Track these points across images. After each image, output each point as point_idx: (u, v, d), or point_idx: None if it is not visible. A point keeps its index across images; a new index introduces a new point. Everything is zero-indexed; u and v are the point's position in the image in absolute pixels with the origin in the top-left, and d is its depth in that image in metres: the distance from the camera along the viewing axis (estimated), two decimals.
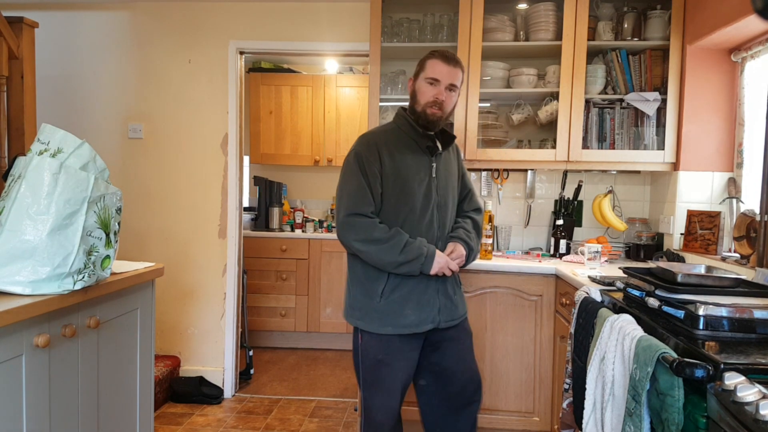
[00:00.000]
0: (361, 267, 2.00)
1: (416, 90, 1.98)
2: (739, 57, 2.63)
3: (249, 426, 3.00)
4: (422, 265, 1.90)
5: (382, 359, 1.97)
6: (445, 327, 2.02)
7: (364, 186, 1.91)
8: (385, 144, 1.97)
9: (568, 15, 2.81)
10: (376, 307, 1.96)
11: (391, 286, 1.95)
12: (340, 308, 4.35)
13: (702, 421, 1.18)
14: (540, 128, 3.15)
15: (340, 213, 1.94)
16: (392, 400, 2.00)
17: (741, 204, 2.59)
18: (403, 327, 1.95)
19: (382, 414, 1.99)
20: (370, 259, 1.93)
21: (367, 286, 1.99)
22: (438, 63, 1.95)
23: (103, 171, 1.54)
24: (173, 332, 3.49)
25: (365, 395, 2.02)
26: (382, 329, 1.95)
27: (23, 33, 2.62)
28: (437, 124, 1.98)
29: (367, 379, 2.01)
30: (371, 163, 1.93)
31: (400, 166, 1.94)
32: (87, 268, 1.47)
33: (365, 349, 2.00)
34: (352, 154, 1.98)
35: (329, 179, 4.96)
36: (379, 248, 1.88)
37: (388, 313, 1.95)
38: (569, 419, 2.00)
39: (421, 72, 1.98)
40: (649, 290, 1.65)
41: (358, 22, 3.31)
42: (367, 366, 2.00)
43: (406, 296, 1.95)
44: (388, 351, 1.97)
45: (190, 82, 3.43)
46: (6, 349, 1.28)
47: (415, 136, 1.99)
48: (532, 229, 3.25)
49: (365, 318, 1.98)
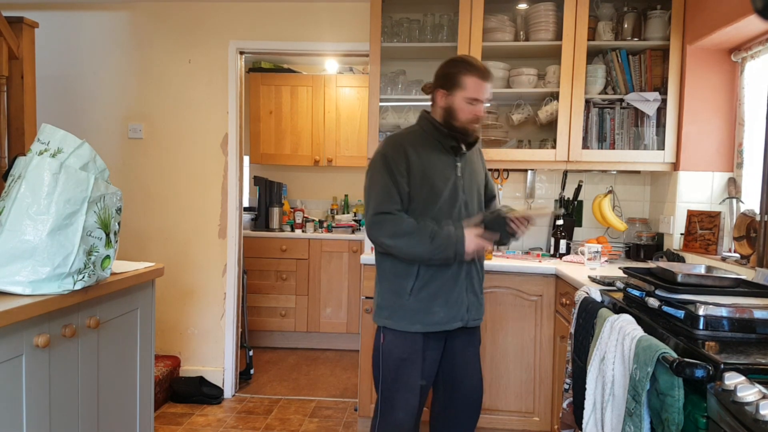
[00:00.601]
0: (390, 265, 2.00)
1: (455, 107, 1.94)
2: (739, 57, 2.63)
3: (249, 426, 3.00)
4: (456, 249, 1.88)
5: (407, 358, 1.98)
6: (472, 326, 2.06)
7: (390, 185, 1.92)
8: (411, 144, 1.97)
9: (568, 15, 2.81)
10: (405, 304, 1.96)
11: (420, 283, 1.95)
12: (341, 308, 4.35)
13: (702, 421, 1.18)
14: (540, 128, 3.15)
15: (368, 213, 1.95)
16: (413, 399, 2.00)
17: (741, 204, 2.59)
18: (433, 324, 1.96)
19: (404, 412, 2.00)
20: (402, 254, 1.92)
21: (396, 284, 1.98)
22: (478, 82, 1.93)
23: (103, 171, 1.54)
24: (173, 332, 3.49)
25: (386, 395, 2.01)
26: (412, 327, 1.96)
27: (23, 33, 2.62)
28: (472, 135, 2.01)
29: (388, 378, 2.00)
30: (398, 162, 1.93)
31: (427, 165, 1.94)
32: (87, 268, 1.47)
33: (389, 349, 2.00)
34: (378, 155, 1.98)
35: (329, 179, 4.96)
36: (409, 240, 1.88)
37: (418, 310, 1.96)
38: (569, 419, 2.00)
39: (458, 89, 1.93)
40: (649, 290, 1.65)
41: (358, 22, 3.31)
42: (390, 365, 2.00)
43: (435, 293, 1.95)
44: (413, 349, 1.97)
45: (190, 82, 3.43)
46: (6, 349, 1.28)
47: (439, 136, 1.99)
48: (532, 229, 3.24)
49: (393, 316, 1.98)
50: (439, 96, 1.98)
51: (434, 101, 2.02)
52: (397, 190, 1.91)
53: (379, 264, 2.05)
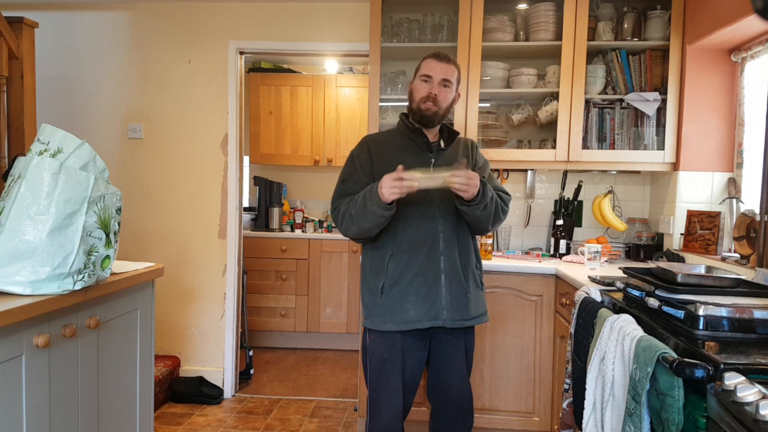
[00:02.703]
0: (368, 264, 2.05)
1: (413, 89, 2.05)
2: (739, 57, 2.63)
3: (249, 426, 3.00)
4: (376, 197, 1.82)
5: (387, 357, 1.97)
6: (452, 327, 1.97)
7: (345, 180, 2.04)
8: (377, 142, 2.09)
9: (568, 15, 2.81)
10: (378, 303, 1.98)
11: (390, 281, 1.95)
12: (340, 308, 4.36)
13: (702, 421, 1.18)
14: (540, 128, 3.15)
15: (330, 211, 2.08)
16: (396, 400, 1.97)
17: (741, 204, 2.59)
18: (403, 323, 1.94)
19: (387, 414, 1.97)
20: (356, 232, 1.94)
21: (371, 283, 2.02)
22: (430, 61, 2.02)
23: (103, 171, 1.54)
24: (173, 332, 3.49)
25: (373, 396, 2.01)
26: (384, 326, 1.96)
27: (23, 33, 2.62)
28: (433, 119, 2.01)
29: (373, 379, 2.01)
30: (361, 159, 2.04)
31: (391, 163, 1.88)
32: (87, 268, 1.47)
33: (372, 348, 2.01)
34: (349, 153, 2.11)
35: (329, 179, 4.95)
36: (351, 216, 1.91)
37: (389, 308, 1.95)
38: (569, 419, 2.00)
39: (416, 73, 2.06)
40: (649, 290, 1.65)
41: (358, 22, 3.31)
42: (374, 365, 2.00)
43: (405, 291, 1.94)
44: (393, 349, 1.96)
45: (190, 82, 3.43)
46: (6, 349, 1.28)
47: (410, 134, 2.05)
48: (532, 229, 3.25)
49: (370, 315, 2.01)
50: (408, 89, 2.09)
51: None
52: (356, 185, 1.99)
53: (361, 264, 2.12)
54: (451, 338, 2.02)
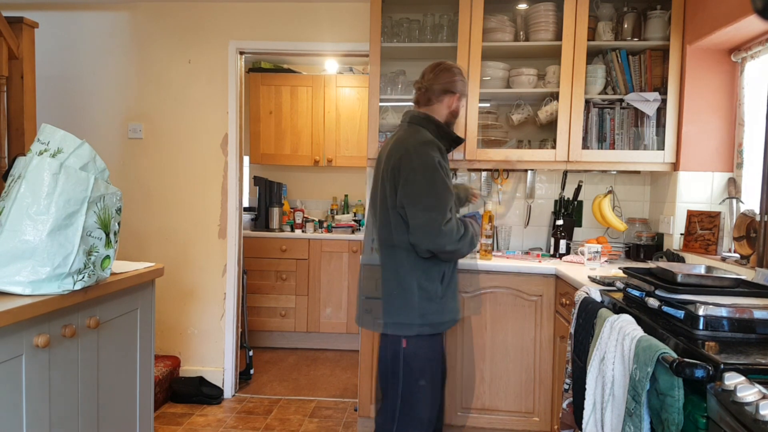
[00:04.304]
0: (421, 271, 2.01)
1: (458, 110, 2.17)
2: (739, 57, 2.63)
3: (249, 426, 3.00)
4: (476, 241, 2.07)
5: (432, 357, 2.08)
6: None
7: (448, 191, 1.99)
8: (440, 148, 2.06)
9: (568, 15, 2.81)
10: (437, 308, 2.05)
11: (445, 284, 2.08)
12: (340, 308, 4.35)
13: (702, 422, 1.18)
14: (540, 128, 3.15)
15: (435, 220, 1.91)
16: (437, 394, 2.14)
17: (741, 204, 2.59)
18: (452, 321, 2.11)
19: (430, 410, 2.08)
20: (454, 256, 2.05)
21: (428, 289, 2.02)
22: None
23: (103, 171, 1.54)
24: (173, 332, 3.49)
25: (416, 397, 2.04)
26: (441, 327, 2.06)
27: (23, 33, 2.62)
28: None
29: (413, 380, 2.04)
30: (446, 167, 2.03)
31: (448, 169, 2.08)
32: (87, 268, 1.47)
33: (414, 353, 2.03)
34: (430, 159, 1.96)
35: (329, 179, 4.96)
36: (463, 243, 2.00)
37: (447, 310, 2.09)
38: (569, 419, 2.00)
39: (461, 95, 2.16)
40: (649, 290, 1.65)
41: (358, 22, 3.31)
42: (417, 369, 2.03)
43: (454, 291, 2.13)
44: (435, 350, 2.09)
45: (190, 82, 3.43)
46: (6, 349, 1.28)
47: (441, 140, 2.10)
48: (532, 229, 3.25)
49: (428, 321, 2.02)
50: (453, 102, 2.14)
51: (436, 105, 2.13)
52: (451, 195, 2.02)
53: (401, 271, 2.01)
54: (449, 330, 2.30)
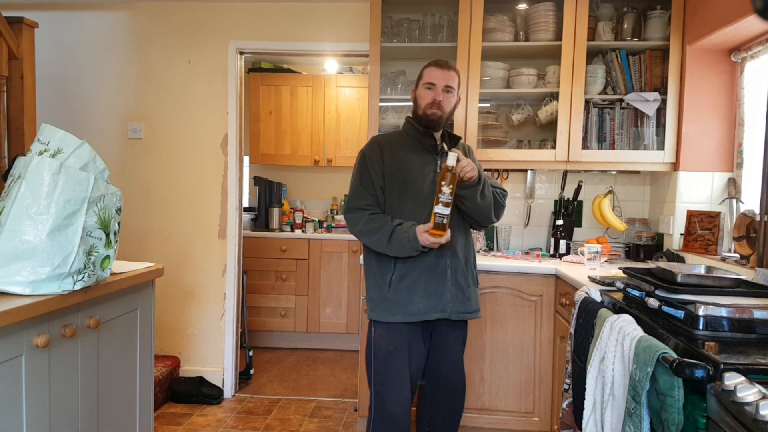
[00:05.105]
0: (375, 260, 2.11)
1: (417, 96, 2.15)
2: (739, 57, 2.63)
3: (249, 426, 3.00)
4: (411, 246, 1.98)
5: (393, 350, 2.05)
6: (456, 319, 2.09)
7: (362, 181, 2.10)
8: (387, 143, 2.16)
9: (568, 15, 2.81)
10: (386, 296, 2.06)
11: (398, 275, 2.05)
12: (340, 308, 4.36)
13: (702, 422, 1.18)
14: (540, 128, 3.15)
15: (346, 205, 2.14)
16: (405, 391, 2.07)
17: (741, 204, 2.59)
18: (412, 315, 2.04)
19: (395, 405, 2.05)
20: (373, 248, 2.07)
21: (378, 278, 2.10)
22: (432, 69, 2.12)
23: (103, 171, 1.54)
24: (173, 332, 3.49)
25: (378, 388, 2.08)
26: (392, 318, 2.04)
27: (23, 33, 2.62)
28: (438, 123, 2.12)
29: (379, 371, 2.07)
30: (372, 159, 2.11)
31: (402, 163, 2.10)
32: (87, 268, 1.47)
33: (378, 342, 2.08)
34: (359, 153, 2.17)
35: (329, 179, 4.96)
36: (371, 239, 2.05)
37: (397, 301, 2.05)
38: (569, 419, 2.00)
39: (419, 81, 2.15)
40: (649, 290, 1.65)
41: (358, 22, 3.31)
42: (379, 358, 2.07)
43: (413, 284, 2.04)
44: (400, 341, 2.05)
45: (190, 82, 3.42)
46: (6, 349, 1.28)
47: (418, 135, 2.14)
48: (531, 229, 3.25)
49: (377, 308, 2.08)
50: (411, 96, 2.19)
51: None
52: (372, 184, 2.08)
53: (365, 259, 2.17)
54: (452, 330, 2.14)
